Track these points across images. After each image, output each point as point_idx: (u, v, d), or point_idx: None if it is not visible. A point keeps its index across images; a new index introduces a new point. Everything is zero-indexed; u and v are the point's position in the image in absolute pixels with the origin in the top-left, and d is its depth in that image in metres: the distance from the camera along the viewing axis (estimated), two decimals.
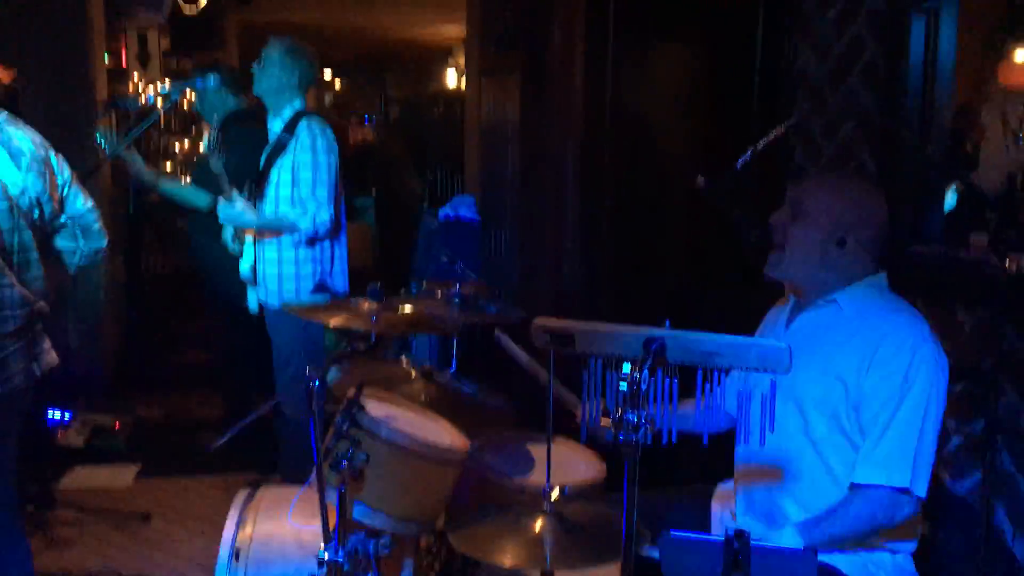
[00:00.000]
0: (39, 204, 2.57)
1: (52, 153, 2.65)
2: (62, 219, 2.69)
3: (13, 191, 2.49)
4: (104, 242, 2.75)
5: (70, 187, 2.68)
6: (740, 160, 2.20)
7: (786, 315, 2.27)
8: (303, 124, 3.59)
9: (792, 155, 3.49)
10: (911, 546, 2.15)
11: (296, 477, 3.34)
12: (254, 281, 3.76)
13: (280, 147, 3.64)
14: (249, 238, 3.72)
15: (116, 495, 4.30)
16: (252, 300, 3.81)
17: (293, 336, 3.66)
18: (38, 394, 2.75)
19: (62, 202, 2.66)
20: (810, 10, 3.40)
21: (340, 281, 3.77)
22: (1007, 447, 2.67)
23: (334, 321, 2.20)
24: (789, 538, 2.01)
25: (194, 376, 5.84)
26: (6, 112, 2.58)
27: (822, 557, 1.93)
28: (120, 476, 4.51)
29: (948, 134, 3.37)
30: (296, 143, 3.57)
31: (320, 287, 3.67)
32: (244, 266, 3.75)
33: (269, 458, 4.04)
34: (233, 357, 4.86)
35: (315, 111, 3.77)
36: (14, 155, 2.50)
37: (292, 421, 3.62)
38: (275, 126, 3.70)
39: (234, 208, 3.48)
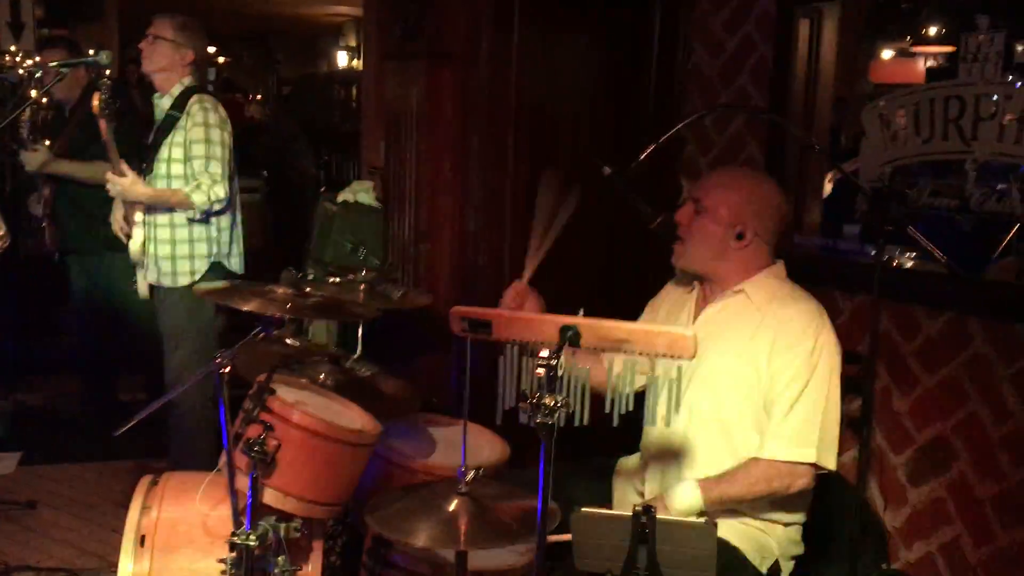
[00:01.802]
0: None
1: None
2: None
3: None
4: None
5: None
6: (644, 153, 2.29)
7: (692, 304, 2.38)
8: (194, 101, 3.51)
9: (684, 147, 3.63)
10: (801, 518, 2.31)
11: (187, 462, 3.32)
12: (143, 262, 3.65)
13: (170, 124, 3.55)
14: (139, 217, 3.61)
15: None
16: (141, 283, 3.71)
17: (184, 319, 3.60)
18: None
19: None
20: (704, 10, 3.54)
21: (237, 262, 3.72)
22: (879, 426, 2.88)
23: (249, 306, 2.19)
24: (688, 490, 2.13)
25: (74, 361, 5.64)
26: None
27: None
28: (2, 463, 4.35)
29: (828, 127, 3.58)
30: (188, 119, 3.49)
31: (216, 267, 3.62)
32: (134, 246, 3.63)
33: (155, 443, 3.95)
34: (94, 340, 4.81)
35: (203, 87, 3.68)
36: None
37: (182, 406, 3.57)
38: (163, 103, 3.61)
39: (124, 180, 3.37)
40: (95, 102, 3.18)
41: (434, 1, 3.74)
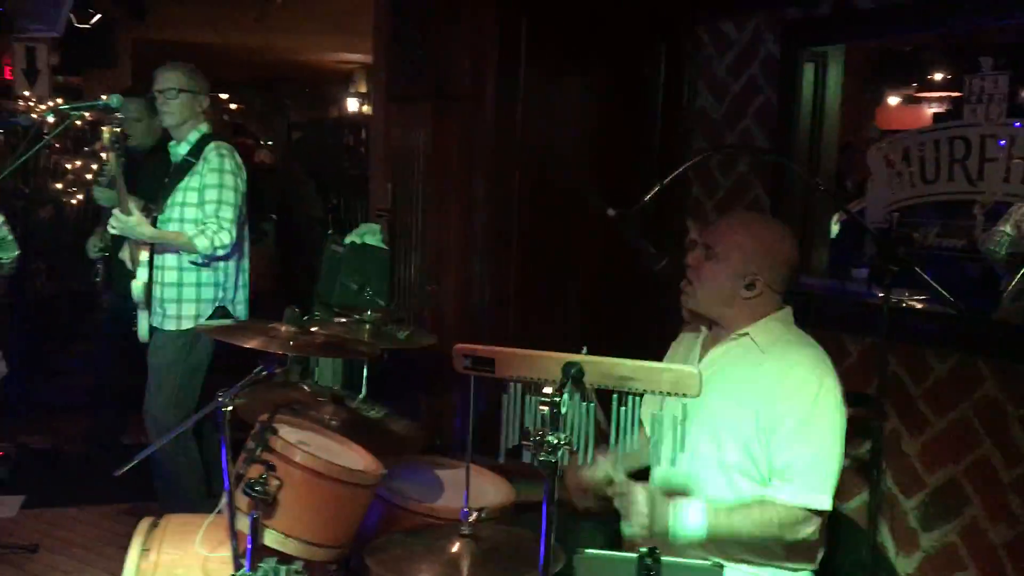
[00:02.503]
0: None
1: None
2: None
3: None
4: (16, 251, 3.08)
5: None
6: (649, 194, 2.29)
7: (699, 346, 2.37)
8: (211, 147, 3.57)
9: (690, 189, 3.64)
10: (812, 566, 2.26)
11: (174, 505, 3.28)
12: (146, 304, 3.65)
13: (185, 169, 3.59)
14: (144, 257, 3.62)
15: (0, 525, 4.11)
16: (142, 324, 3.70)
17: (175, 361, 3.58)
18: None
19: None
20: (708, 53, 3.57)
21: (242, 308, 3.73)
22: (890, 469, 2.84)
23: (252, 343, 2.19)
24: (696, 512, 2.08)
25: (77, 403, 5.63)
26: None
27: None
28: (4, 506, 4.32)
29: (834, 170, 3.59)
30: (204, 165, 3.54)
31: (221, 313, 3.62)
32: (136, 287, 3.63)
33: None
34: (107, 382, 4.81)
35: (219, 134, 3.72)
36: None
37: (159, 450, 3.54)
38: (180, 149, 3.66)
39: (130, 219, 3.39)
40: (104, 135, 3.22)
41: (440, 44, 3.78)
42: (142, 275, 3.61)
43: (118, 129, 3.24)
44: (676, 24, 3.64)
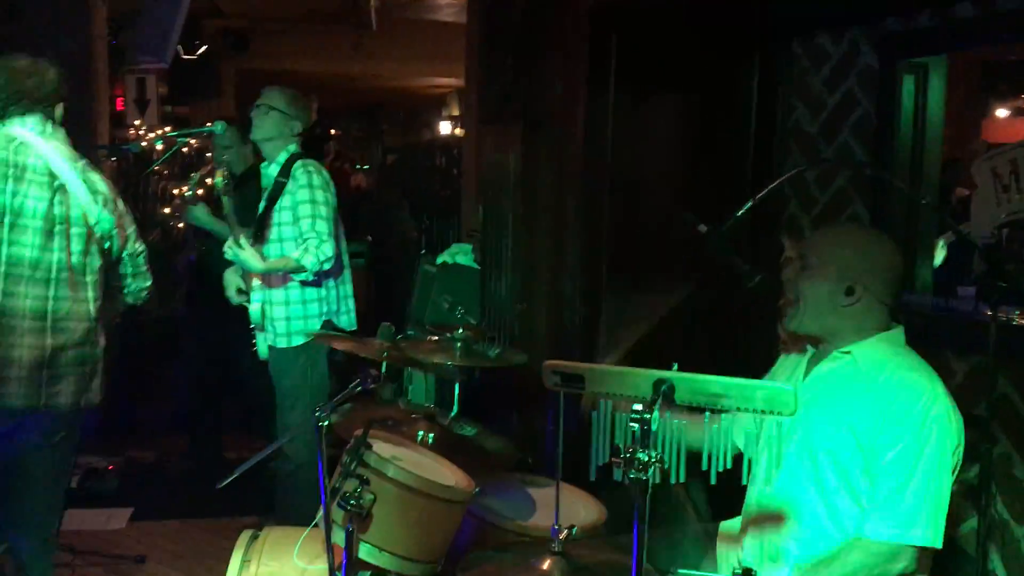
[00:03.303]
0: (110, 237, 2.97)
1: (119, 199, 3.05)
2: (123, 255, 3.06)
3: (91, 220, 2.90)
4: (149, 281, 3.19)
5: (130, 228, 3.08)
6: (740, 210, 2.26)
7: (804, 365, 2.30)
8: (298, 165, 3.66)
9: (787, 205, 3.57)
10: None
11: (293, 519, 3.35)
12: (262, 326, 3.78)
13: (278, 190, 3.70)
14: (256, 283, 3.75)
15: (110, 537, 4.27)
16: (262, 345, 3.83)
17: (299, 378, 3.68)
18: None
19: (126, 240, 3.04)
20: (803, 67, 3.51)
21: (346, 320, 3.81)
22: (1001, 494, 2.71)
23: (343, 347, 2.23)
24: None
25: (183, 419, 5.82)
26: (85, 159, 2.97)
27: None
28: (114, 518, 4.49)
29: (937, 186, 3.47)
30: (293, 183, 3.63)
31: (328, 327, 3.70)
32: (254, 312, 3.76)
33: (262, 501, 4.02)
34: (202, 399, 5.03)
35: (306, 154, 3.82)
36: (94, 193, 2.91)
37: (293, 463, 3.64)
38: (271, 171, 3.77)
39: (243, 253, 3.50)
40: (217, 179, 3.36)
41: (531, 66, 3.82)
42: (256, 298, 3.73)
43: (227, 173, 3.41)
44: (769, 39, 3.59)
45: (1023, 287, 2.50)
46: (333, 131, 13.16)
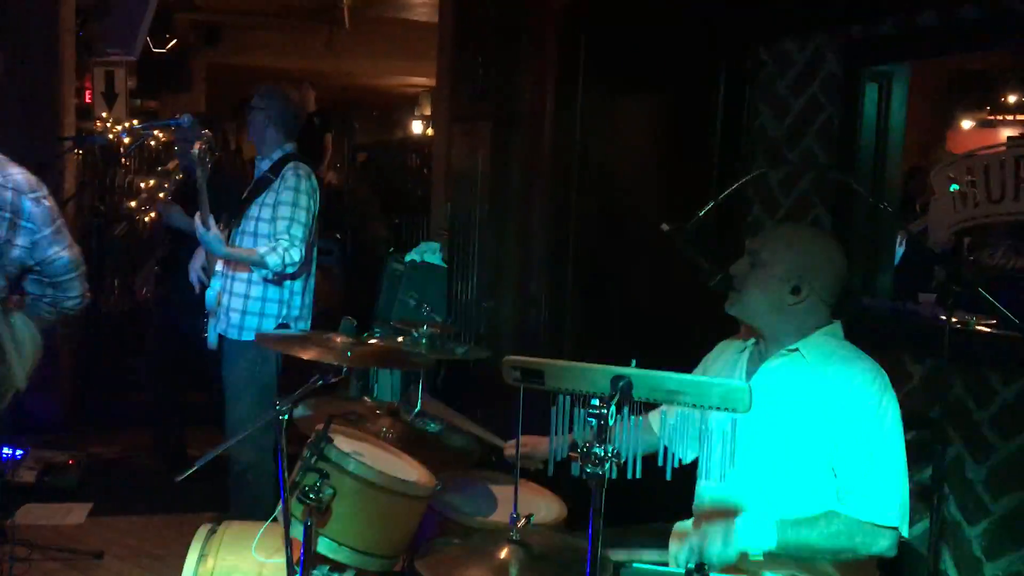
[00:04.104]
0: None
1: (27, 199, 2.66)
2: (30, 263, 2.70)
3: None
4: (75, 294, 2.78)
5: (43, 235, 2.69)
6: (703, 210, 2.29)
7: (745, 361, 2.34)
8: (290, 167, 3.66)
9: (750, 208, 3.61)
10: None
11: (248, 515, 3.34)
12: (216, 312, 3.75)
13: (264, 184, 3.69)
14: (219, 267, 3.73)
15: (68, 532, 4.24)
16: (212, 333, 3.80)
17: (246, 372, 3.66)
18: None
19: (31, 248, 2.68)
20: (769, 72, 3.55)
21: (304, 327, 3.79)
22: (953, 495, 2.76)
23: (307, 354, 2.23)
24: (761, 528, 2.04)
25: (146, 415, 5.78)
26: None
27: None
28: (73, 513, 4.45)
29: (899, 192, 3.53)
30: (281, 183, 3.63)
31: (282, 329, 3.69)
32: (210, 293, 3.74)
33: (225, 496, 4.00)
34: (165, 392, 4.99)
35: (300, 156, 3.82)
36: None
37: (243, 459, 3.62)
38: (262, 165, 3.77)
39: (208, 233, 3.47)
40: (195, 149, 3.31)
41: (501, 66, 3.84)
42: (216, 284, 3.71)
43: (206, 146, 3.34)
44: (736, 44, 3.63)
45: (979, 292, 2.54)
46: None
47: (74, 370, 5.89)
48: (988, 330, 2.80)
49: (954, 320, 2.70)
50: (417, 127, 11.83)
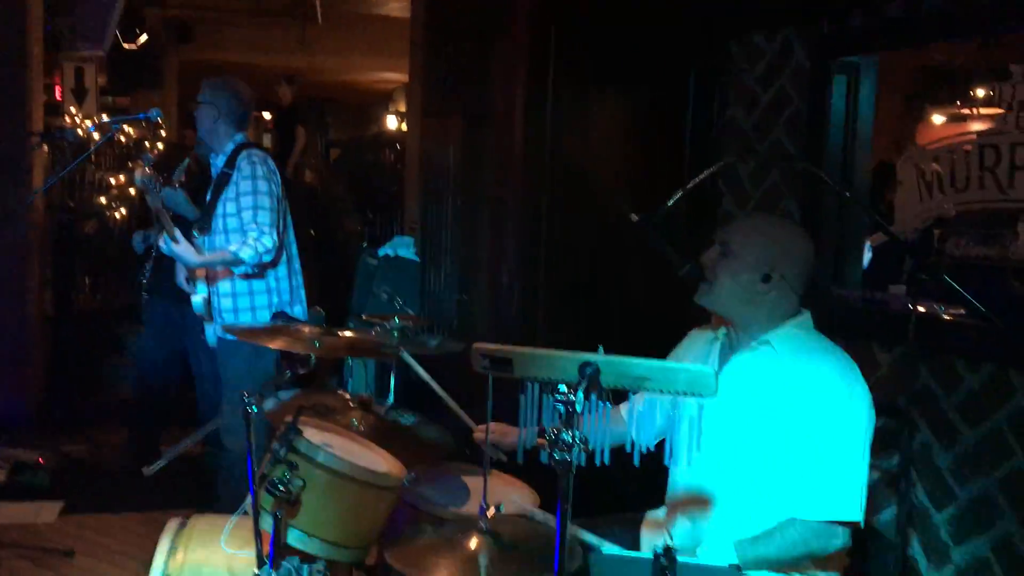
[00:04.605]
0: None
1: None
2: None
3: None
4: None
5: None
6: (671, 200, 2.30)
7: (716, 352, 2.35)
8: (243, 155, 3.63)
9: (721, 201, 3.63)
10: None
11: (234, 509, 3.33)
12: (208, 316, 3.74)
13: (223, 180, 3.66)
14: (201, 273, 3.70)
15: (39, 531, 4.19)
16: (210, 334, 3.79)
17: (243, 368, 3.64)
18: None
19: None
20: (739, 64, 3.57)
21: (300, 310, 3.79)
22: (921, 481, 2.80)
23: (276, 344, 2.22)
24: (724, 554, 2.07)
25: (118, 413, 5.73)
26: None
27: None
28: (43, 512, 4.40)
29: (868, 183, 3.56)
30: (237, 173, 3.60)
31: (279, 316, 3.67)
32: (197, 301, 3.72)
33: (198, 494, 3.98)
34: (147, 389, 4.92)
35: (253, 143, 3.79)
36: None
37: (234, 453, 3.60)
38: (218, 162, 3.73)
39: (176, 248, 3.44)
40: (136, 177, 3.28)
41: (473, 62, 3.84)
42: (201, 290, 3.68)
43: (148, 170, 3.31)
44: (706, 38, 3.64)
45: (944, 280, 2.58)
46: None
47: (44, 368, 5.84)
48: (953, 318, 2.83)
49: (921, 308, 2.74)
50: (392, 123, 11.79)
